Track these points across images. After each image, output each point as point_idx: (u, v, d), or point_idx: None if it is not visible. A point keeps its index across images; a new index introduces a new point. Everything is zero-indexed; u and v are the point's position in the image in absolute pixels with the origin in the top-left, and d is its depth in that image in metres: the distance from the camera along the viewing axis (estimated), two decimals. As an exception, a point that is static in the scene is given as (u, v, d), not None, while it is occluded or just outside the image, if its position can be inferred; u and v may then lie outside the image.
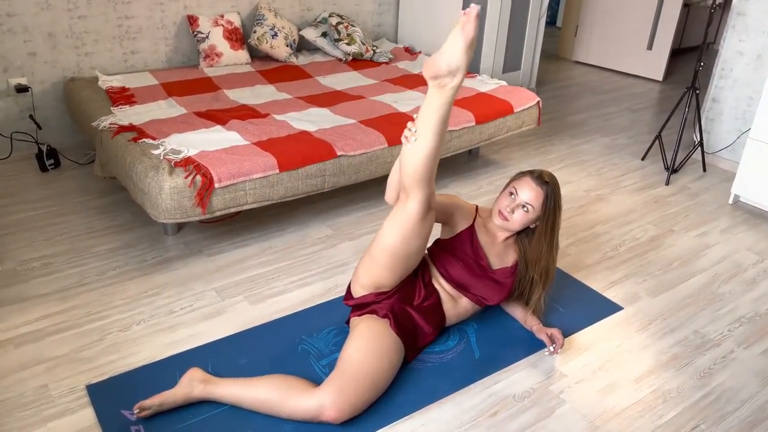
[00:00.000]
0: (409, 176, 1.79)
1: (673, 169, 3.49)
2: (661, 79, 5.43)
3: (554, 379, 2.02)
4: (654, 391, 1.99)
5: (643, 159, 3.75)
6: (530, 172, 2.03)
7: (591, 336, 2.22)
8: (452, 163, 3.57)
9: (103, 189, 3.06)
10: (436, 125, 1.73)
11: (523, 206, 2.00)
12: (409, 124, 1.79)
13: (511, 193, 2.02)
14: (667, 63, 5.37)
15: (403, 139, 1.79)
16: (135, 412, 1.75)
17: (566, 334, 2.21)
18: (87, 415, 1.79)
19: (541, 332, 2.12)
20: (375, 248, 1.93)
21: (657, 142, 3.71)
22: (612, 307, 2.38)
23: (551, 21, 7.43)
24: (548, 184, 1.99)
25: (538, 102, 3.40)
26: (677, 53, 6.25)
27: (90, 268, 2.46)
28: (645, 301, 2.43)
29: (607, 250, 2.77)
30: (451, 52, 1.64)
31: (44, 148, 3.18)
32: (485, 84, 3.50)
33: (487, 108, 3.19)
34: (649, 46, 5.39)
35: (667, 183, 3.44)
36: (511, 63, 4.57)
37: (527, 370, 2.04)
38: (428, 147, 1.74)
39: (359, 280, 2.00)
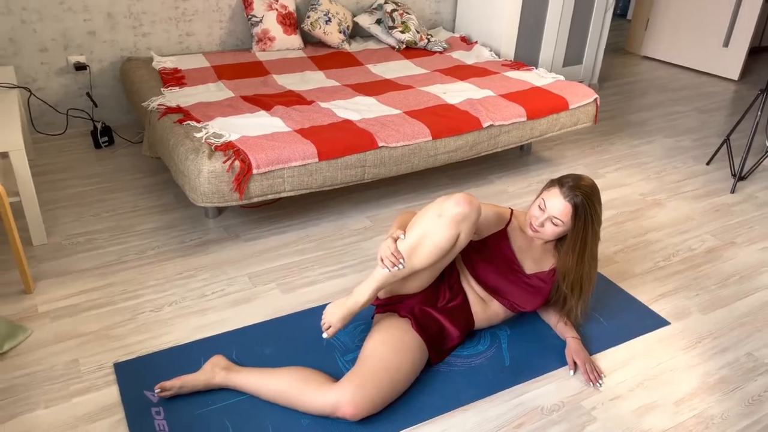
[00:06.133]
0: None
1: (740, 176, 3.26)
2: (736, 78, 5.10)
3: (587, 393, 1.91)
4: (696, 415, 1.86)
5: (708, 164, 3.53)
6: (560, 183, 1.87)
7: (632, 350, 2.10)
8: (502, 158, 3.46)
9: (151, 168, 3.12)
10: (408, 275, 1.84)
11: (552, 220, 1.88)
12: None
13: (540, 205, 1.90)
14: (744, 62, 5.03)
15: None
16: (156, 392, 1.77)
17: (605, 347, 2.09)
18: (111, 392, 1.82)
19: (568, 353, 2.01)
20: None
21: (725, 146, 3.48)
22: (658, 321, 2.24)
23: (622, 13, 7.11)
24: (579, 197, 1.83)
25: (595, 99, 3.24)
26: (756, 52, 5.86)
27: (130, 247, 2.50)
28: (695, 318, 2.28)
29: (658, 259, 2.62)
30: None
31: (99, 126, 3.26)
32: (541, 78, 3.36)
33: (540, 103, 3.06)
34: (725, 43, 5.07)
35: (733, 191, 3.22)
36: (572, 56, 4.39)
37: (559, 382, 1.95)
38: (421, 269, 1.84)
39: None
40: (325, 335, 1.83)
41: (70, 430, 1.69)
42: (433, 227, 1.77)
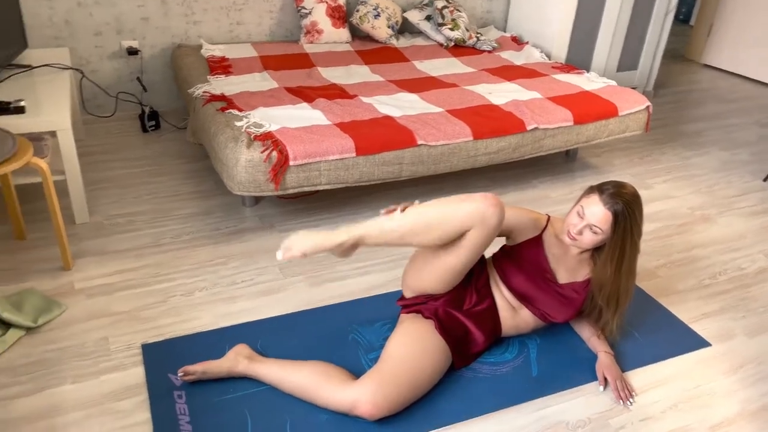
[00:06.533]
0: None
1: (799, 195, 3.09)
2: (803, 91, 4.85)
3: (616, 411, 1.84)
4: (731, 444, 1.77)
5: (765, 180, 3.36)
6: (600, 190, 1.79)
7: (667, 370, 2.01)
8: (546, 163, 3.37)
9: (194, 154, 3.16)
10: (400, 242, 1.74)
11: (591, 227, 1.80)
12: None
13: (579, 212, 1.82)
14: (812, 74, 4.78)
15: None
16: (179, 375, 1.78)
17: (639, 364, 2.01)
18: (137, 373, 1.85)
19: (599, 368, 1.94)
20: (426, 257, 1.85)
21: (785, 162, 3.31)
22: (698, 342, 2.14)
23: (685, 19, 6.85)
24: (620, 205, 1.75)
25: (647, 106, 3.12)
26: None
27: (167, 230, 2.54)
28: (739, 341, 2.16)
29: (704, 277, 2.50)
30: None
31: (147, 110, 3.33)
32: (591, 82, 3.26)
33: (588, 108, 2.97)
34: (794, 54, 4.82)
35: (790, 210, 3.05)
36: (627, 61, 4.24)
37: (586, 397, 1.88)
38: (423, 245, 1.77)
39: (408, 284, 1.93)
40: (279, 255, 1.72)
41: (95, 407, 1.73)
42: (450, 208, 1.72)
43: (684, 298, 2.36)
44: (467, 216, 1.69)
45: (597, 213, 1.78)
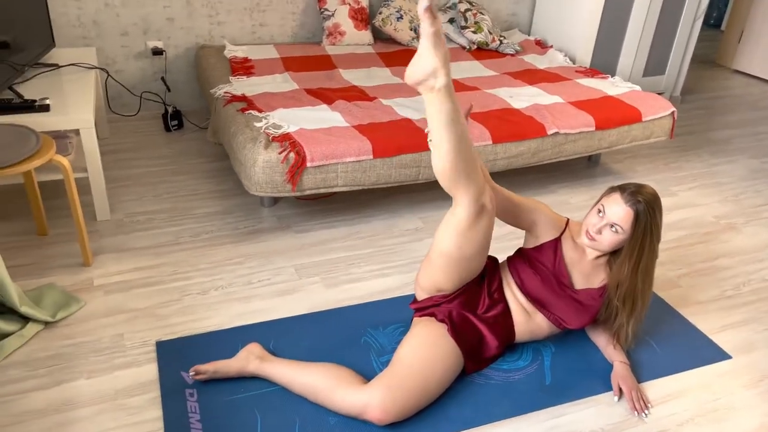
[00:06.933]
0: (443, 181, 1.69)
1: (829, 205, 3.00)
2: (837, 99, 4.71)
3: (630, 423, 1.80)
4: (750, 460, 1.72)
5: (794, 189, 3.27)
6: (622, 188, 1.80)
7: (685, 382, 1.96)
8: (567, 168, 3.33)
9: (215, 154, 3.19)
10: (446, 126, 1.59)
11: (612, 226, 1.78)
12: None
13: (600, 211, 1.81)
14: None
15: (428, 142, 1.67)
16: (191, 374, 1.80)
17: (656, 375, 1.97)
18: (150, 370, 1.87)
19: (615, 377, 1.91)
20: (432, 252, 1.83)
21: (815, 171, 3.21)
22: (719, 354, 2.09)
23: (716, 23, 6.71)
24: (641, 203, 1.75)
25: (672, 112, 3.06)
26: None
27: (186, 229, 2.57)
28: (762, 354, 2.11)
29: (727, 287, 2.44)
30: (421, 53, 1.54)
31: (170, 110, 3.37)
32: (615, 87, 3.21)
33: (611, 113, 2.92)
34: (828, 60, 4.69)
35: (820, 220, 2.97)
36: (654, 66, 4.17)
37: (600, 408, 1.84)
38: (446, 149, 1.61)
39: (420, 283, 1.91)
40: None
41: (108, 402, 1.75)
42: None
43: (705, 308, 2.31)
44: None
45: (618, 212, 1.77)
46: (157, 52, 3.41)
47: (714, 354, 2.09)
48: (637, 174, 3.33)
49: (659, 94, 4.17)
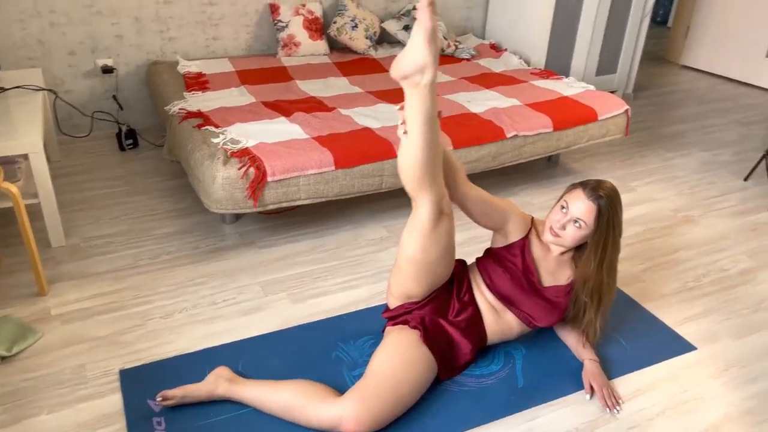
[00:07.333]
0: (408, 179, 1.68)
1: (779, 194, 3.10)
2: (780, 89, 4.89)
3: (603, 420, 1.82)
4: (720, 449, 1.75)
5: (746, 179, 3.37)
6: (584, 184, 1.84)
7: (654, 376, 1.99)
8: (527, 169, 3.36)
9: (172, 172, 3.12)
10: (424, 123, 1.60)
11: (575, 221, 1.81)
12: (399, 114, 1.66)
13: (563, 207, 1.84)
14: (789, 72, 4.82)
15: (398, 133, 1.66)
16: (158, 400, 1.74)
17: (625, 371, 1.99)
18: (115, 400, 1.80)
19: (586, 376, 1.93)
20: (399, 258, 1.83)
21: (765, 161, 3.32)
22: (684, 346, 2.13)
23: (662, 21, 6.91)
24: (603, 198, 1.79)
25: (626, 110, 3.13)
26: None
27: (145, 251, 2.50)
28: (724, 344, 2.16)
29: (688, 279, 2.49)
30: (414, 47, 1.53)
31: (124, 129, 3.29)
32: (570, 87, 3.27)
33: (567, 113, 2.97)
34: (769, 53, 4.87)
35: (771, 209, 3.06)
36: (606, 65, 4.26)
37: (573, 407, 1.86)
38: (420, 145, 1.61)
39: (391, 290, 1.91)
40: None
41: (71, 437, 1.68)
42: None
43: (668, 301, 2.36)
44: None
45: (581, 207, 1.80)
46: (107, 70, 3.32)
47: (679, 346, 2.13)
48: (596, 171, 3.39)
49: (612, 92, 4.26)
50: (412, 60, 1.54)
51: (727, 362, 2.07)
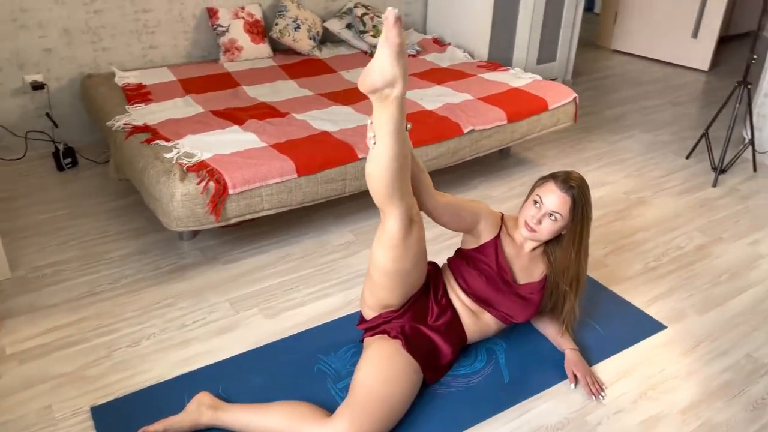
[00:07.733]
0: (377, 191, 1.66)
1: (721, 169, 3.24)
2: (706, 69, 5.13)
3: (591, 408, 1.85)
4: (702, 424, 1.81)
5: (687, 158, 3.51)
6: (554, 177, 1.85)
7: (631, 359, 2.04)
8: (482, 162, 3.39)
9: (119, 190, 2.97)
10: (393, 135, 1.58)
11: (551, 215, 1.82)
12: (369, 127, 1.64)
13: (536, 202, 1.84)
14: (713, 52, 5.06)
15: (368, 144, 1.64)
16: (138, 439, 1.65)
17: (604, 356, 2.03)
18: (89, 440, 1.69)
19: (568, 365, 1.95)
20: (371, 269, 1.80)
21: (703, 139, 3.46)
22: (655, 326, 2.19)
23: (589, 7, 7.11)
24: (575, 188, 1.81)
25: (575, 98, 3.19)
26: (724, 41, 5.90)
27: (102, 276, 2.36)
28: (691, 320, 2.23)
29: (649, 260, 2.57)
30: (382, 62, 1.51)
31: (61, 147, 3.10)
32: (518, 78, 3.30)
33: (519, 105, 3.00)
34: (694, 34, 5.09)
35: (714, 184, 3.20)
36: (546, 54, 4.35)
37: (561, 397, 1.88)
38: (387, 157, 1.60)
39: (366, 301, 1.87)
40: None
41: (45, 486, 1.57)
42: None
43: (634, 283, 2.42)
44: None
45: (555, 200, 1.81)
46: (38, 86, 3.11)
47: (651, 327, 2.19)
48: (547, 160, 3.45)
49: (553, 80, 4.35)
50: (381, 75, 1.51)
51: (697, 338, 2.14)
